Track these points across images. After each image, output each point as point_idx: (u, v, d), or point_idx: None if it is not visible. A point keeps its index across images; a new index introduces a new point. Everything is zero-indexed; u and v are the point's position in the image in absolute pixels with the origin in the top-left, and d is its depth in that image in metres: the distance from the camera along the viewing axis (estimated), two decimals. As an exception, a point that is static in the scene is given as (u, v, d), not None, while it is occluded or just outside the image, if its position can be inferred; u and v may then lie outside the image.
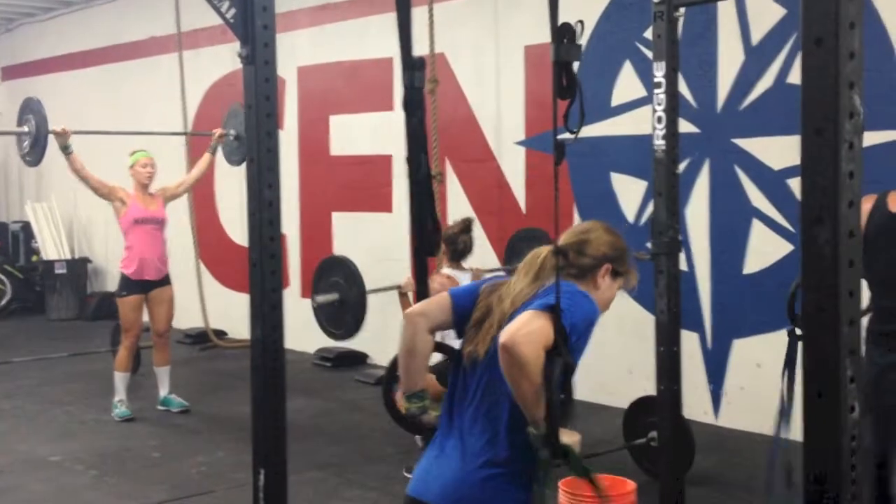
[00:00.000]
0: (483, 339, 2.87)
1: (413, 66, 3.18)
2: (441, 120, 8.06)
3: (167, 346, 8.06)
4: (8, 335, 11.82)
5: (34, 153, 7.21)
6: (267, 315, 3.41)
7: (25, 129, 7.23)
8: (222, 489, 6.12)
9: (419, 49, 3.65)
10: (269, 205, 3.41)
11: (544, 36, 8.60)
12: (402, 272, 6.51)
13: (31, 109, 7.28)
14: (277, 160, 3.44)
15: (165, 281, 7.88)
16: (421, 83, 3.18)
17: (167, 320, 7.94)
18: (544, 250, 2.96)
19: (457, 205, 8.61)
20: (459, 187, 8.77)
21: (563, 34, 2.54)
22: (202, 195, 11.09)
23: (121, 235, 7.83)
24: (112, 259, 12.51)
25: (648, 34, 6.63)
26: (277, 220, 3.45)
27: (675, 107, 4.69)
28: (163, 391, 8.06)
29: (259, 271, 3.40)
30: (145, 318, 7.89)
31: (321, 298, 5.62)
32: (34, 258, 14.02)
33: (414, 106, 3.20)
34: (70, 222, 13.80)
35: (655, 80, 4.66)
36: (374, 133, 9.56)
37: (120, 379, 7.82)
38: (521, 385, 2.59)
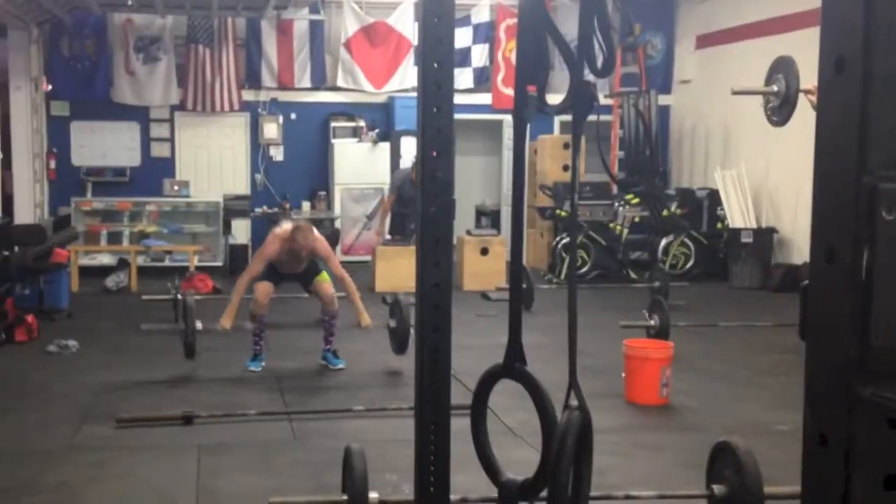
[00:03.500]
0: None
1: None
2: None
3: None
4: (692, 299, 13.10)
5: (781, 113, 7.83)
6: None
7: (774, 88, 7.87)
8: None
9: None
10: None
11: None
12: None
13: (780, 69, 7.92)
14: None
15: None
16: None
17: None
18: None
19: None
20: None
21: None
22: None
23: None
24: (800, 231, 13.36)
25: None
26: None
27: None
28: None
29: None
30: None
31: None
32: (719, 226, 15.27)
33: None
34: (758, 191, 14.77)
35: None
36: None
37: None
38: None
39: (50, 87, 16.33)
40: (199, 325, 8.93)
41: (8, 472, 6.42)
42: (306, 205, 16.92)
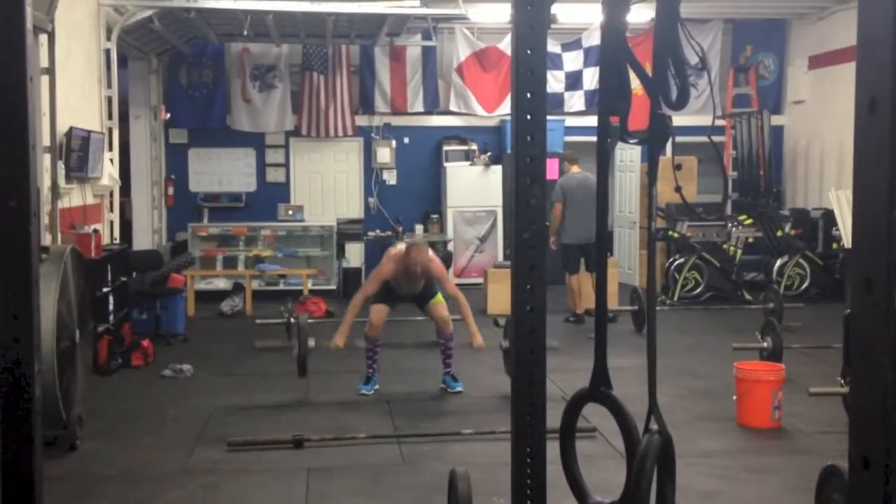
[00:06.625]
0: None
1: None
2: None
3: None
4: (807, 320, 12.87)
5: None
6: None
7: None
8: None
9: None
10: None
11: None
12: None
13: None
14: None
15: None
16: None
17: None
18: None
19: None
20: None
21: None
22: None
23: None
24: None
25: None
26: None
27: None
28: None
29: None
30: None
31: None
32: (834, 246, 15.00)
33: None
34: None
35: None
36: None
37: None
38: None
39: (168, 115, 16.84)
40: (311, 342, 9.10)
41: (121, 494, 6.64)
42: (419, 228, 17.10)
